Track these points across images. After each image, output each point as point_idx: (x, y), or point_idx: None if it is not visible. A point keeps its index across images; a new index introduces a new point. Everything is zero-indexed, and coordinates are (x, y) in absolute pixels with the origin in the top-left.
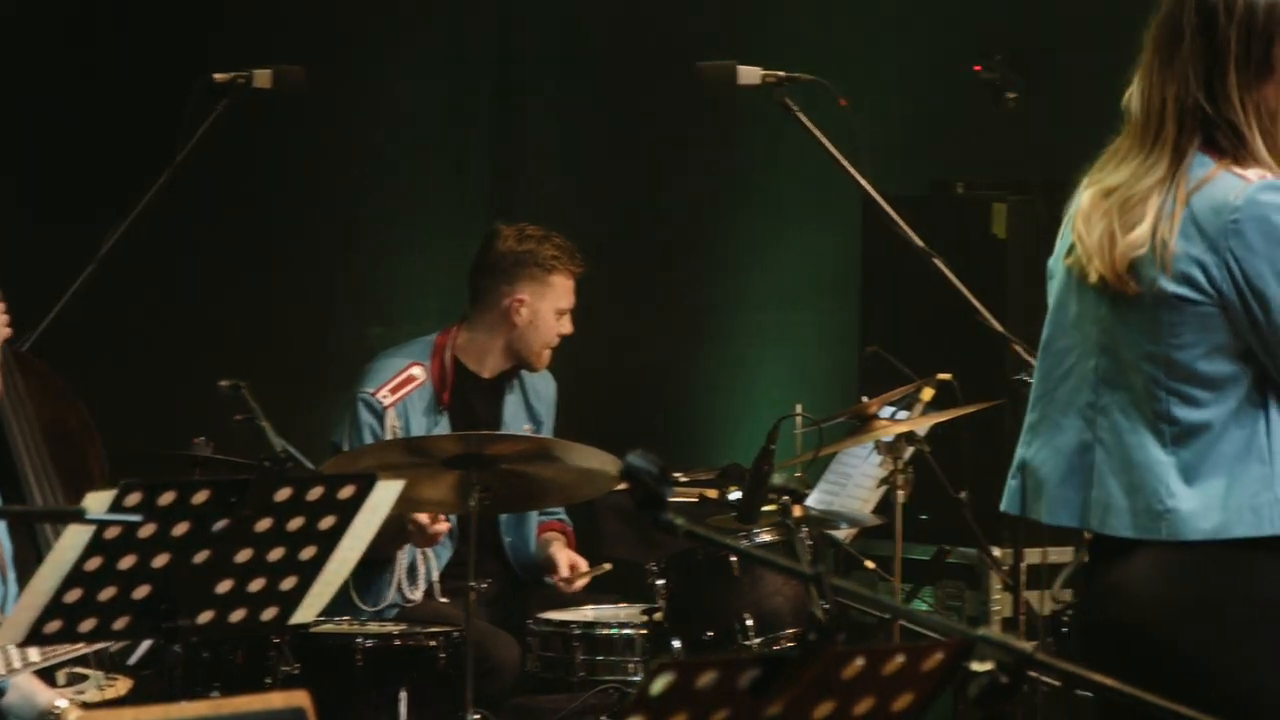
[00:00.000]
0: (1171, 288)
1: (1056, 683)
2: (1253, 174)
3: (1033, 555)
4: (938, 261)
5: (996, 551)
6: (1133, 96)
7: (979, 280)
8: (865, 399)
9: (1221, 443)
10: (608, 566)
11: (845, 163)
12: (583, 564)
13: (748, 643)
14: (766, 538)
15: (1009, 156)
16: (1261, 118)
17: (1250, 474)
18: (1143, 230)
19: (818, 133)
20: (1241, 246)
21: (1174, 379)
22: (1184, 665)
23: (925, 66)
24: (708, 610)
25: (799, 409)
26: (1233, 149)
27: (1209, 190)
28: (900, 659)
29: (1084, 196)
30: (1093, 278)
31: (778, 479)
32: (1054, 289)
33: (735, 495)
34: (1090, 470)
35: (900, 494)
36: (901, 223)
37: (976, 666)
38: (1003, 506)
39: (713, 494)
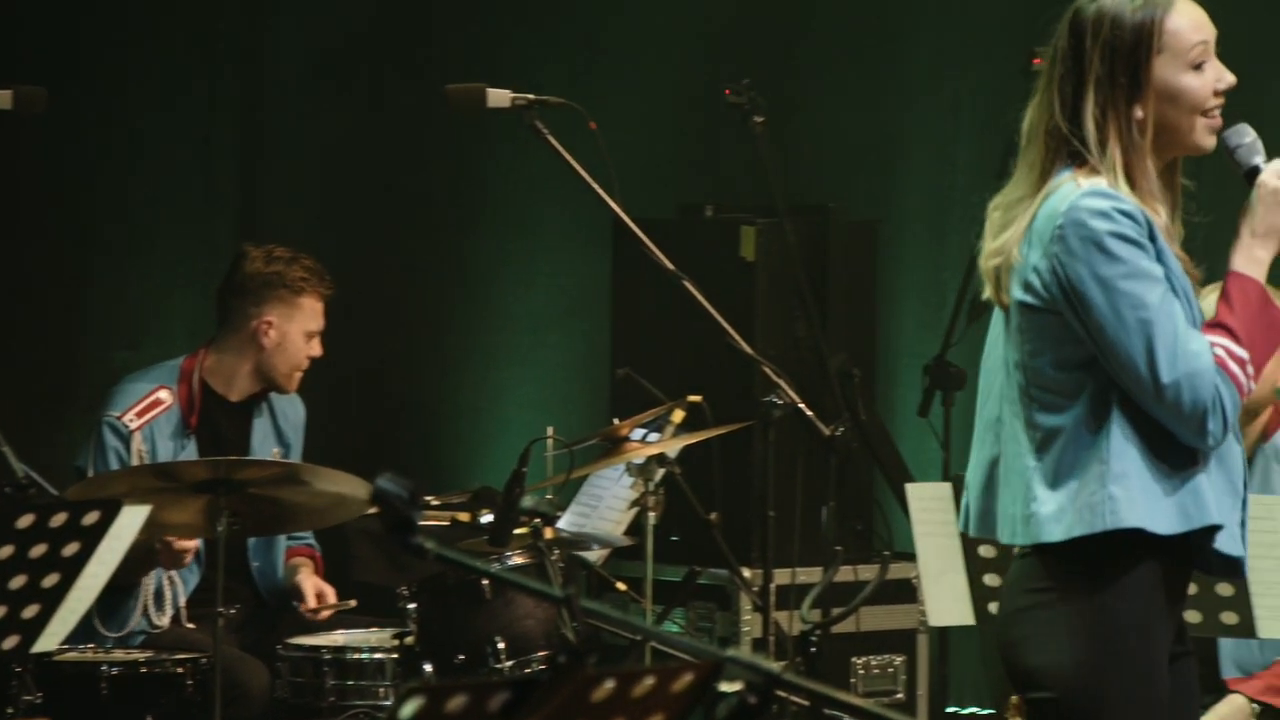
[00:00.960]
0: (1019, 295)
1: (805, 702)
2: (1093, 182)
3: (782, 576)
4: (687, 284)
5: (746, 572)
6: (1025, 120)
7: (728, 303)
8: (616, 421)
9: (1075, 446)
10: (353, 603)
11: (595, 185)
12: (329, 593)
13: (499, 666)
14: (518, 560)
15: (757, 180)
16: (1131, 136)
17: (1091, 474)
18: (1000, 242)
19: (568, 156)
20: (1064, 252)
21: (1033, 386)
22: (1024, 672)
23: (674, 90)
24: (459, 634)
25: (550, 431)
26: (1094, 166)
27: (1050, 200)
28: (650, 681)
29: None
30: (985, 294)
31: (529, 501)
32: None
33: (487, 518)
34: (996, 482)
35: (651, 515)
36: (651, 245)
37: (726, 687)
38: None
39: (464, 517)
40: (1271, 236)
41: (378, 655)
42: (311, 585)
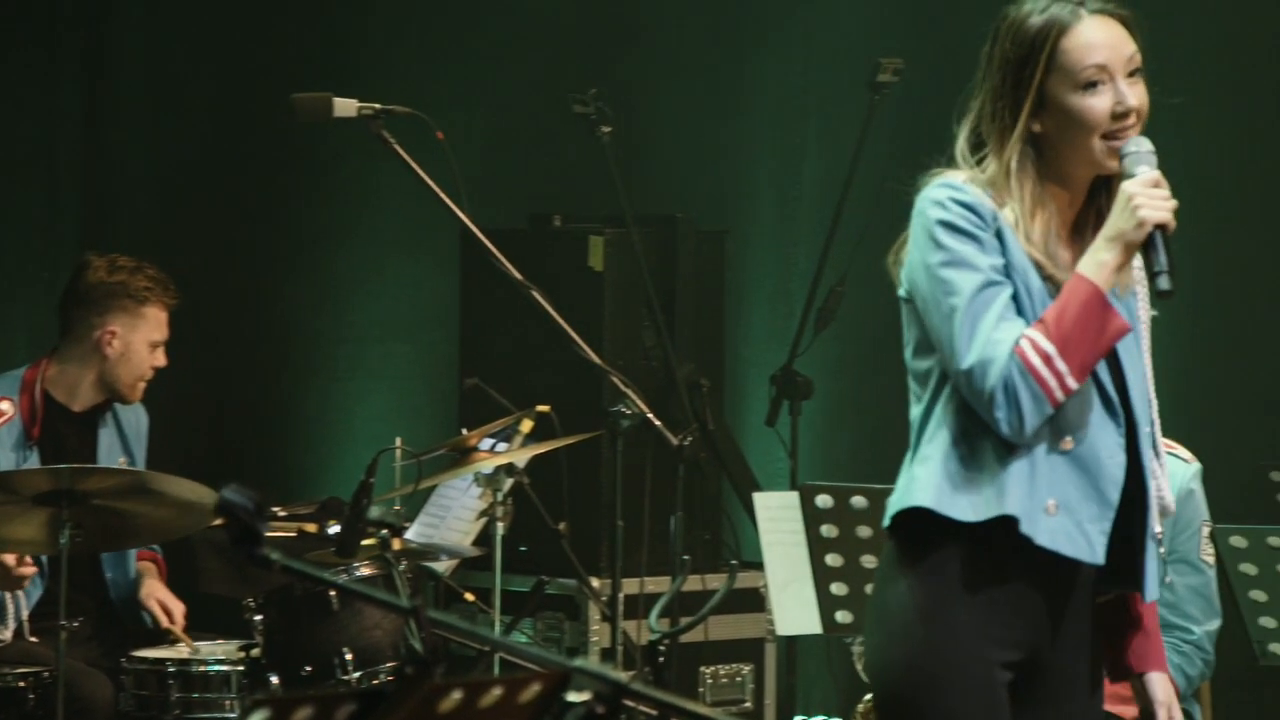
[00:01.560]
0: (899, 289)
1: (653, 712)
2: (952, 174)
3: (630, 585)
4: (535, 294)
5: (595, 582)
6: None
7: (577, 313)
8: (465, 431)
9: (925, 435)
10: (198, 645)
11: (443, 195)
12: (177, 611)
13: (346, 677)
14: (366, 571)
15: (605, 190)
16: (1018, 148)
17: (915, 458)
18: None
19: (415, 165)
20: (912, 241)
21: (909, 377)
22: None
23: (522, 100)
24: (306, 645)
25: (399, 441)
26: (974, 163)
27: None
28: (498, 691)
29: None
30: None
31: (376, 512)
32: None
33: (334, 529)
34: None
35: (500, 526)
36: (499, 255)
37: (574, 697)
38: None
39: (311, 528)
40: (1118, 242)
41: (223, 667)
42: (157, 604)
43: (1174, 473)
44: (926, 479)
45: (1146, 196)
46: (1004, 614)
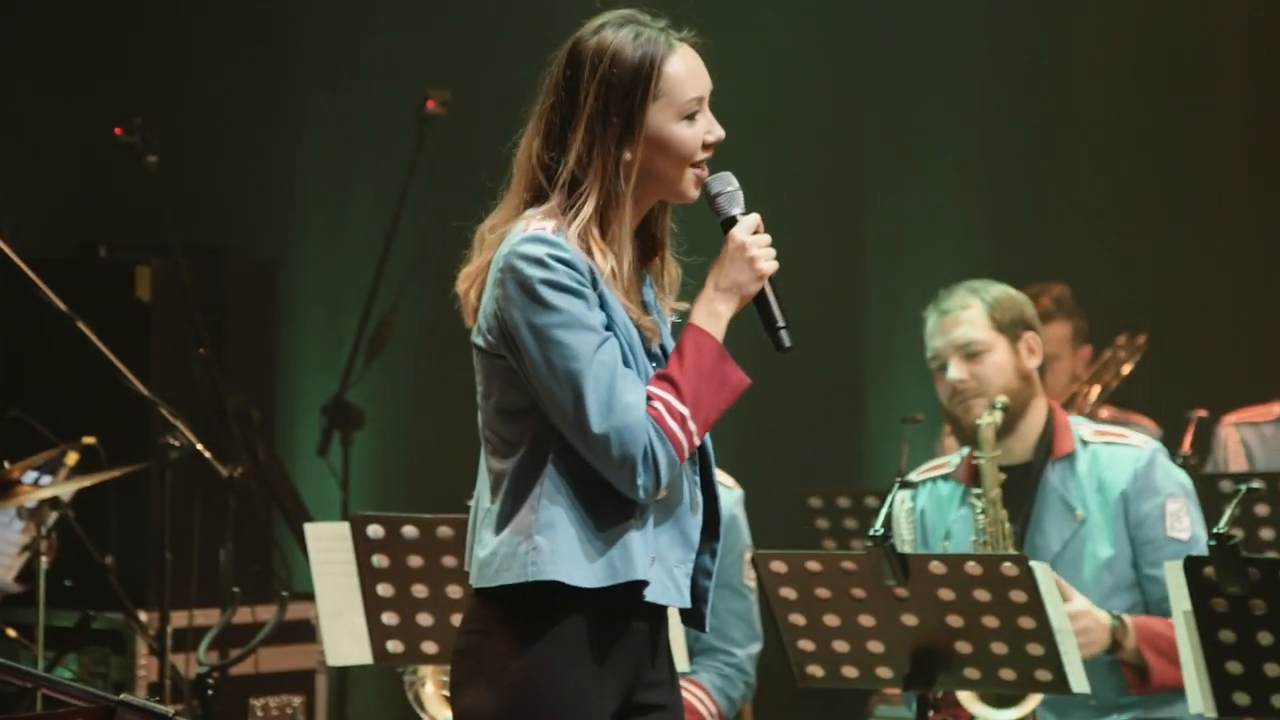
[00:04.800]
0: (475, 338)
1: None
2: (539, 224)
3: (179, 619)
4: (81, 325)
5: (143, 615)
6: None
7: (124, 343)
8: (7, 465)
9: (515, 493)
10: None
11: None
12: None
13: None
14: None
15: (152, 219)
16: (616, 180)
17: (523, 523)
18: (471, 267)
19: None
20: (504, 297)
21: (487, 428)
22: (458, 714)
23: (66, 128)
24: None
25: None
26: (565, 204)
27: (504, 240)
28: None
29: None
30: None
31: None
32: None
33: None
34: (476, 521)
35: (44, 560)
36: (43, 285)
37: None
38: None
39: None
40: (734, 293)
41: None
42: None
43: None
44: (552, 550)
45: (759, 246)
46: (613, 666)
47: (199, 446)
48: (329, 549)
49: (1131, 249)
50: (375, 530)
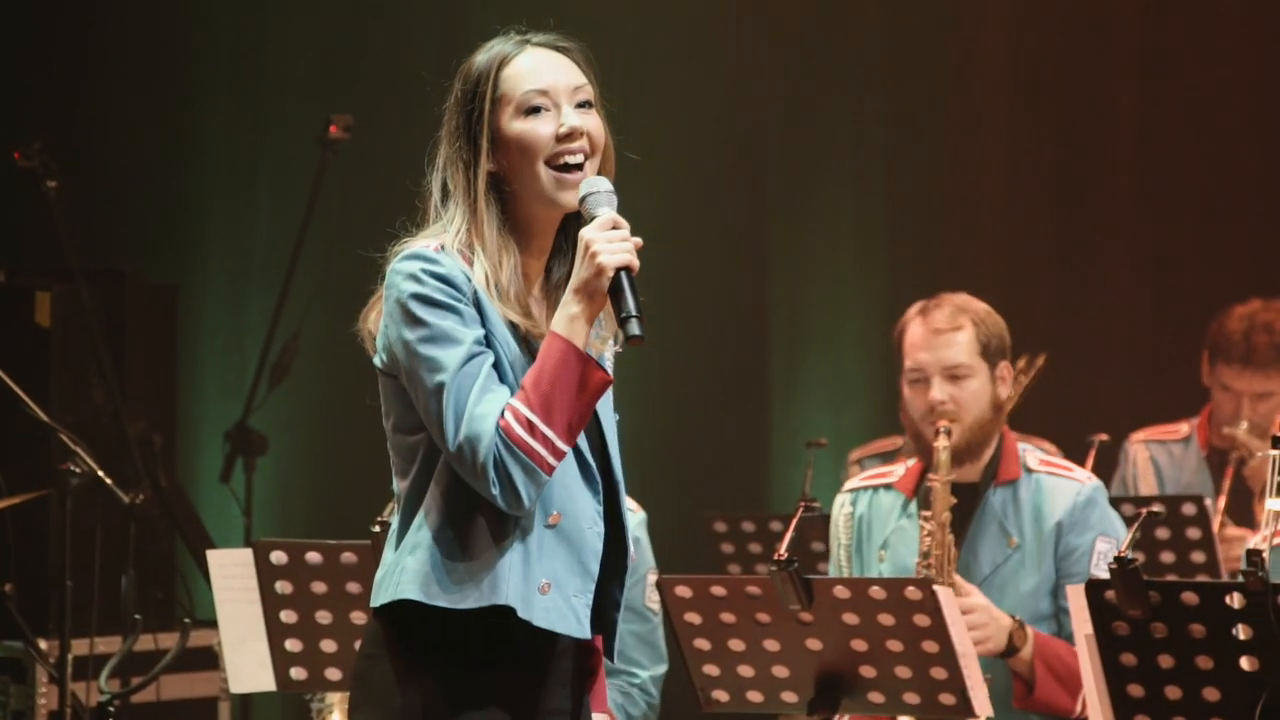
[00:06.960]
0: (374, 359)
1: None
2: (423, 243)
3: (80, 646)
4: None
5: (43, 644)
6: None
7: (23, 369)
8: None
9: (407, 511)
10: None
11: None
12: None
13: None
14: None
15: (52, 245)
16: (476, 191)
17: (404, 543)
18: (368, 305)
19: None
20: (387, 315)
21: (390, 449)
22: None
23: None
24: None
25: None
26: (445, 221)
27: (391, 260)
28: None
29: None
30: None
31: None
32: None
33: None
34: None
35: None
36: None
37: None
38: None
39: None
40: (582, 293)
41: None
42: None
43: None
44: (416, 570)
45: (605, 241)
46: (505, 694)
47: (100, 473)
48: (232, 575)
49: (1030, 272)
50: (278, 556)
